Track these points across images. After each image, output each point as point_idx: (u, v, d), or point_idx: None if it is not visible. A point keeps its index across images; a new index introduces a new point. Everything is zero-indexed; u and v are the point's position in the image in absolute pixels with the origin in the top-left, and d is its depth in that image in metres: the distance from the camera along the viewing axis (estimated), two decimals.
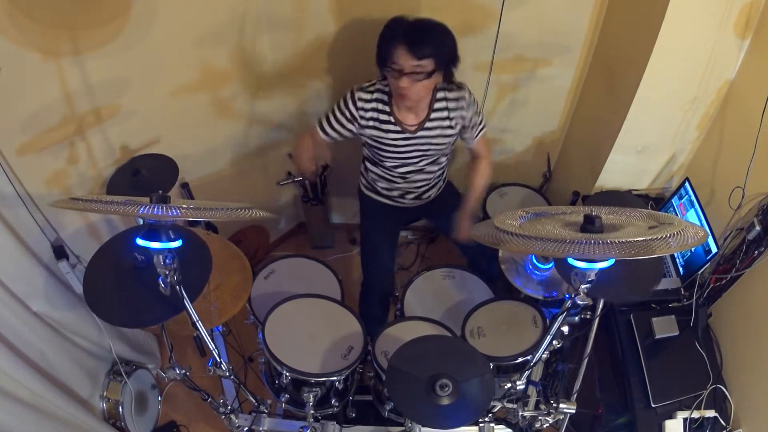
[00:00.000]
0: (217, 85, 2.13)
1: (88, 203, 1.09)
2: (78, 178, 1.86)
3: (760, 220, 1.66)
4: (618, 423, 1.87)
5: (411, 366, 1.43)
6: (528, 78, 2.28)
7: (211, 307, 1.69)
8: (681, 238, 0.98)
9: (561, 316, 1.38)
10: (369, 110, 1.84)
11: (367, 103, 1.84)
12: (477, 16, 2.03)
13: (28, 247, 1.66)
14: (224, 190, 2.48)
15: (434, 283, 2.10)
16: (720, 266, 1.83)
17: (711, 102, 1.91)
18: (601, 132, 2.14)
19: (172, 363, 1.47)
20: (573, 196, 2.35)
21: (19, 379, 1.62)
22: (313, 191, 2.70)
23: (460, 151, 2.64)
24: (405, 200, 2.14)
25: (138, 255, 1.27)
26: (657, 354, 1.82)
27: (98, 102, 1.80)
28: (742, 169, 1.70)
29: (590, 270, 1.13)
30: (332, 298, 1.92)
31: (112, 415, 2.08)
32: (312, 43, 2.14)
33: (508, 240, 1.06)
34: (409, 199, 2.13)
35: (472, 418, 1.47)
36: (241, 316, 1.88)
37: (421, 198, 2.15)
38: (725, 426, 1.73)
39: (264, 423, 1.70)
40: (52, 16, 1.53)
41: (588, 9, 2.04)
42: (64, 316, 1.83)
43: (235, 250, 1.85)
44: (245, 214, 1.13)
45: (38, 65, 1.56)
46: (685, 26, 1.68)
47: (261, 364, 1.83)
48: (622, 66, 1.98)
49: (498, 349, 1.73)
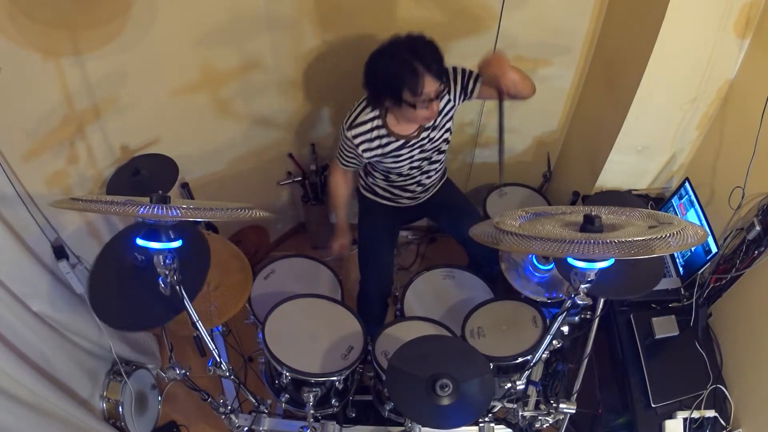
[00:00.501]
0: (217, 85, 2.13)
1: (88, 203, 1.09)
2: (78, 178, 1.86)
3: (760, 220, 1.66)
4: (618, 423, 1.87)
5: (411, 366, 1.43)
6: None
7: (211, 307, 1.70)
8: (681, 237, 0.98)
9: (561, 316, 1.38)
10: (371, 140, 1.82)
11: (366, 135, 1.80)
12: (477, 16, 2.03)
13: (28, 247, 1.66)
14: (224, 190, 2.48)
15: (434, 283, 2.10)
16: (720, 266, 1.82)
17: (711, 102, 1.91)
18: (601, 132, 2.14)
19: (172, 363, 1.47)
20: (573, 196, 2.35)
21: (19, 379, 1.62)
22: (313, 191, 2.70)
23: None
24: (406, 200, 2.14)
25: (138, 255, 1.27)
26: (657, 354, 1.82)
27: (98, 102, 1.80)
28: (742, 169, 1.70)
29: (590, 270, 1.13)
30: (332, 298, 1.92)
31: (112, 415, 2.08)
32: (312, 43, 2.14)
33: (508, 240, 1.06)
34: (410, 197, 2.13)
35: (472, 418, 1.48)
36: (241, 316, 1.88)
37: (425, 193, 2.15)
38: (725, 426, 1.73)
39: (264, 423, 1.70)
40: (52, 16, 1.53)
41: (588, 9, 2.03)
42: (64, 316, 1.83)
43: (235, 250, 1.85)
44: (245, 214, 1.13)
45: (38, 65, 1.56)
46: (685, 26, 1.68)
47: (261, 364, 1.83)
48: (622, 66, 1.98)
49: (498, 349, 1.72)
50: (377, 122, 1.79)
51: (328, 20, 2.07)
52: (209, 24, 1.94)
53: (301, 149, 2.61)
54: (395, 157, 1.88)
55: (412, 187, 2.07)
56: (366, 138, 1.81)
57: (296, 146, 2.60)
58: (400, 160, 1.89)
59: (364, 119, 1.79)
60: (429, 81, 1.59)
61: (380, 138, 1.81)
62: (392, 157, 1.88)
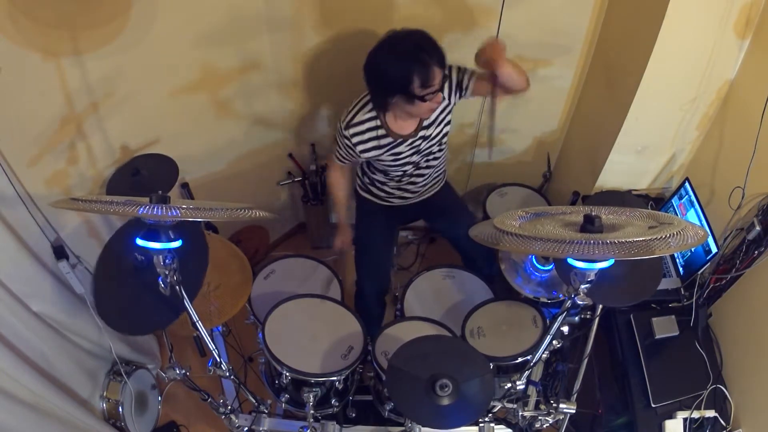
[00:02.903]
0: (217, 85, 2.13)
1: (88, 203, 1.09)
2: (78, 178, 1.86)
3: (760, 220, 1.66)
4: (618, 423, 1.87)
5: (411, 366, 1.43)
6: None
7: (211, 307, 1.70)
8: (681, 238, 0.98)
9: (561, 316, 1.38)
10: (368, 140, 1.82)
11: (363, 134, 1.80)
12: (477, 16, 2.03)
13: (28, 247, 1.66)
14: (224, 190, 2.48)
15: (434, 283, 2.10)
16: (720, 266, 1.82)
17: (711, 102, 1.91)
18: (601, 132, 2.14)
19: (172, 363, 1.47)
20: (573, 196, 2.35)
21: (19, 379, 1.62)
22: (313, 191, 2.70)
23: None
24: (407, 197, 2.13)
25: (138, 255, 1.27)
26: (657, 354, 1.82)
27: (98, 102, 1.80)
28: (742, 169, 1.70)
29: (590, 270, 1.13)
30: (332, 298, 1.92)
31: (112, 415, 2.08)
32: (312, 43, 2.14)
33: (508, 240, 1.06)
34: (409, 196, 2.13)
35: (472, 418, 1.48)
36: (241, 316, 1.88)
37: (425, 192, 2.15)
38: (725, 426, 1.73)
39: (264, 423, 1.70)
40: (52, 16, 1.53)
41: (588, 9, 2.04)
42: (64, 316, 1.83)
43: (235, 250, 1.85)
44: (245, 214, 1.13)
45: (38, 65, 1.56)
46: (685, 26, 1.68)
47: (261, 364, 1.83)
48: (622, 66, 1.98)
49: (498, 349, 1.73)
50: (376, 122, 1.79)
51: (328, 20, 2.07)
52: (209, 24, 1.94)
53: (301, 149, 2.61)
54: (395, 156, 1.88)
55: (412, 187, 2.07)
56: (363, 138, 1.81)
57: (296, 146, 2.60)
58: (400, 158, 1.89)
59: (362, 119, 1.79)
60: (437, 71, 1.60)
61: (378, 138, 1.81)
62: (391, 156, 1.88)
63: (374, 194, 2.14)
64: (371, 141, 1.81)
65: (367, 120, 1.79)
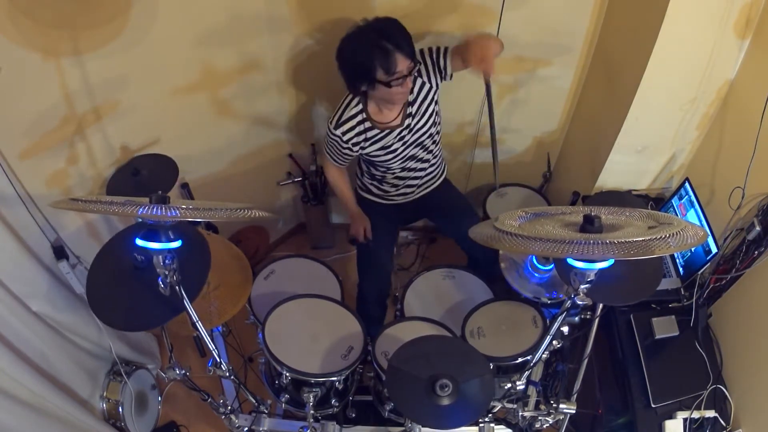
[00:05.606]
0: (217, 85, 2.14)
1: (87, 204, 1.09)
2: (78, 178, 1.86)
3: (760, 220, 1.66)
4: (618, 423, 1.87)
5: (411, 366, 1.43)
6: (528, 78, 2.28)
7: (211, 307, 1.69)
8: (680, 238, 0.98)
9: (561, 317, 1.38)
10: (358, 134, 1.86)
11: (352, 131, 1.85)
12: (477, 16, 2.03)
13: (28, 247, 1.66)
14: (224, 190, 2.48)
15: (434, 283, 2.10)
16: (720, 266, 1.82)
17: (711, 102, 1.91)
18: (601, 132, 2.14)
19: (172, 363, 1.47)
20: (573, 196, 2.35)
21: (19, 379, 1.62)
22: (313, 191, 2.70)
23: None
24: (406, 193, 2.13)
25: (137, 255, 1.26)
26: (657, 354, 1.82)
27: (98, 102, 1.80)
28: (742, 169, 1.70)
29: (590, 270, 1.13)
30: (332, 298, 1.92)
31: (112, 415, 2.08)
32: (312, 43, 2.14)
33: (507, 240, 1.06)
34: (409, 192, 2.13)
35: (472, 418, 1.48)
36: (241, 316, 1.88)
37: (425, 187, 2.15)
38: (725, 426, 1.73)
39: (264, 423, 1.70)
40: (52, 16, 1.53)
41: (588, 9, 2.03)
42: (64, 316, 1.83)
43: (235, 250, 1.85)
44: (245, 214, 1.13)
45: (38, 65, 1.56)
46: (685, 26, 1.68)
47: (261, 364, 1.83)
48: (622, 66, 1.98)
49: (498, 349, 1.73)
50: (362, 116, 1.83)
51: (328, 20, 2.07)
52: (209, 24, 1.94)
53: (301, 149, 2.61)
54: (385, 149, 1.90)
55: (410, 182, 2.08)
56: (353, 134, 1.85)
57: (296, 146, 2.60)
58: (391, 150, 1.91)
59: (349, 115, 1.83)
60: (400, 58, 1.63)
61: (366, 131, 1.85)
62: (381, 149, 1.90)
63: (374, 194, 2.14)
64: (360, 135, 1.85)
65: (354, 116, 1.83)
